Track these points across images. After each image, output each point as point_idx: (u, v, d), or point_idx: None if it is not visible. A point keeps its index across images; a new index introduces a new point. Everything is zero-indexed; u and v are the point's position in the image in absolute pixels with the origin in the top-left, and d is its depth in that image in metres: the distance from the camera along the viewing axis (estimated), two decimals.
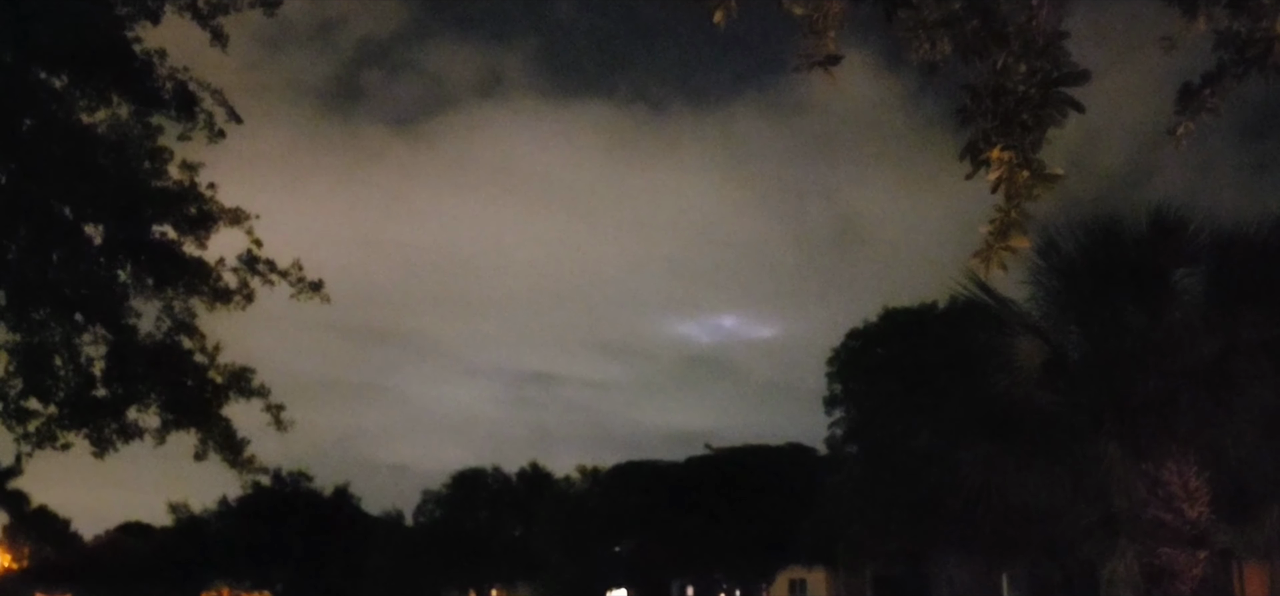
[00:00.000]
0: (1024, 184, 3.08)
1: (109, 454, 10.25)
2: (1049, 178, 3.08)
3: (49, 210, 9.70)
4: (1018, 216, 3.10)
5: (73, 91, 9.62)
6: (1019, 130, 3.04)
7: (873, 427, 30.29)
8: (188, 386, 10.51)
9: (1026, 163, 3.07)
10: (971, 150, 3.21)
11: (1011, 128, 3.04)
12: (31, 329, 9.73)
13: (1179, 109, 3.72)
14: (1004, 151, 3.06)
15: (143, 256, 10.33)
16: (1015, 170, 3.07)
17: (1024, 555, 28.26)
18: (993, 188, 3.12)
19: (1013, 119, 3.04)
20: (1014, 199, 3.10)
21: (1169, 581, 8.83)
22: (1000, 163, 3.07)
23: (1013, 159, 3.06)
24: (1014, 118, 3.03)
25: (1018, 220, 3.10)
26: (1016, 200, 3.09)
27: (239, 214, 10.85)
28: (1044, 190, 3.09)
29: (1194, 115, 3.64)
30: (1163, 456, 8.69)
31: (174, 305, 10.56)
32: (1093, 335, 9.32)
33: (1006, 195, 3.10)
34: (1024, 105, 3.03)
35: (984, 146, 3.16)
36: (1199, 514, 8.72)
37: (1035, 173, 3.08)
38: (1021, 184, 3.08)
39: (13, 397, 9.83)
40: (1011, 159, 3.06)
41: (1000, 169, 3.08)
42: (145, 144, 10.23)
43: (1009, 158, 3.06)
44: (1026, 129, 3.04)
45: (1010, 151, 3.06)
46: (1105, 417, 8.86)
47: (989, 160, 3.15)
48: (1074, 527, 11.16)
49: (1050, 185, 3.09)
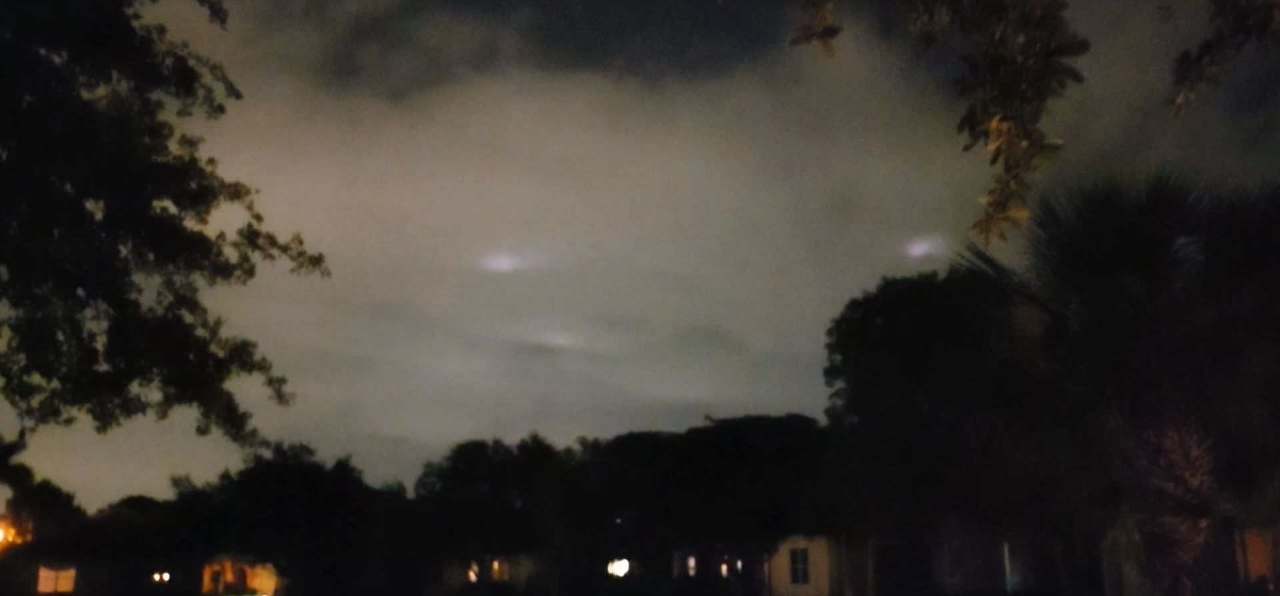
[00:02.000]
0: (1023, 154, 3.08)
1: (111, 428, 10.33)
2: (1048, 148, 3.09)
3: (50, 186, 9.71)
4: (1017, 187, 3.11)
5: (72, 67, 9.61)
6: (1018, 101, 3.04)
7: (873, 398, 30.38)
8: (189, 361, 10.56)
9: (1025, 133, 3.07)
10: (970, 121, 3.21)
11: (1010, 98, 3.04)
12: (34, 304, 9.77)
13: (1177, 78, 3.71)
14: (1003, 122, 3.06)
15: (143, 232, 10.36)
16: (1014, 140, 3.07)
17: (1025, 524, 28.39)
18: (992, 158, 3.12)
19: (1011, 89, 3.03)
20: (1013, 169, 3.10)
21: (1170, 549, 8.86)
22: (999, 133, 3.07)
23: (1012, 129, 3.07)
24: (1013, 88, 3.03)
25: (1017, 191, 3.11)
26: (1016, 170, 3.10)
27: (239, 188, 10.87)
28: (1043, 160, 3.10)
29: (1193, 85, 3.64)
30: (1164, 425, 8.72)
31: (175, 280, 10.60)
32: (1093, 304, 9.32)
33: (1006, 166, 3.11)
34: (1023, 75, 3.03)
35: (982, 117, 3.16)
36: (1200, 482, 8.75)
37: (1034, 143, 3.08)
38: (1020, 154, 3.08)
39: (16, 372, 9.89)
40: (1010, 129, 3.07)
41: (999, 139, 3.08)
42: (145, 119, 10.23)
43: (1008, 128, 3.06)
44: (1025, 99, 3.04)
45: (1009, 122, 3.06)
46: (1106, 386, 8.88)
47: (988, 131, 3.15)
48: (1075, 497, 11.21)
49: (1049, 155, 3.09)
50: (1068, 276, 9.34)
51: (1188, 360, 8.56)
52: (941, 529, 36.96)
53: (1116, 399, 8.85)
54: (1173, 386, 8.61)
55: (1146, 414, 8.77)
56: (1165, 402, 8.68)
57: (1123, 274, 9.04)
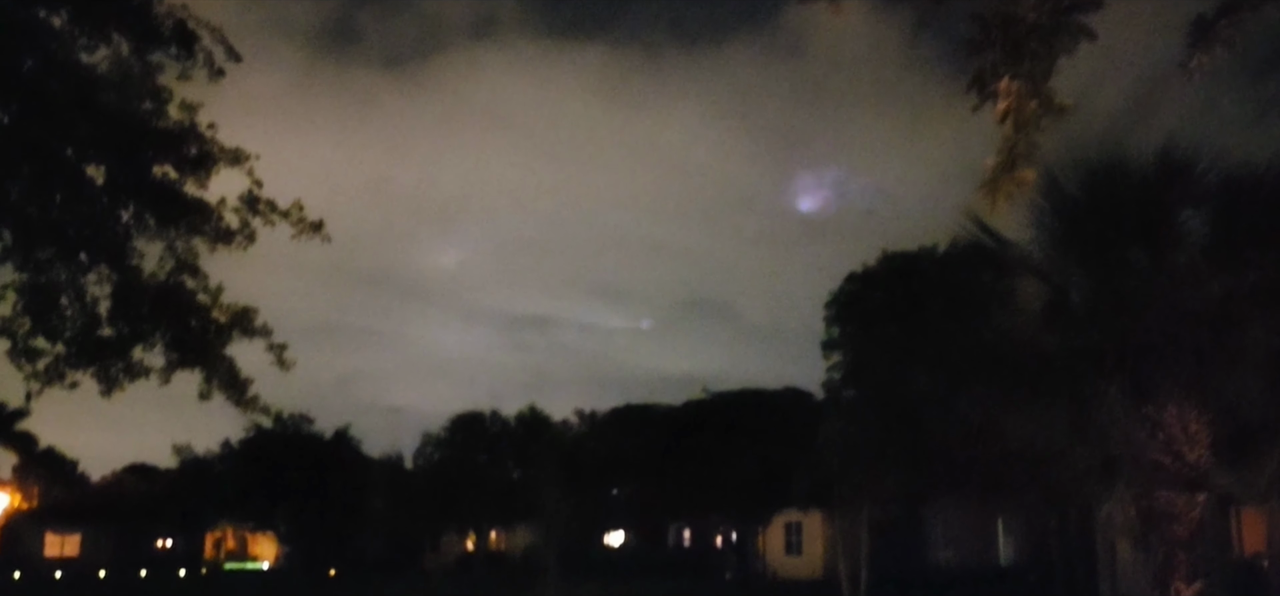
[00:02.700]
0: (1032, 114, 3.04)
1: (115, 393, 10.35)
2: (1058, 108, 3.05)
3: (50, 150, 9.67)
4: (1025, 148, 3.06)
5: (72, 29, 9.55)
6: (1029, 59, 3.00)
7: (871, 371, 30.46)
8: (191, 326, 10.56)
9: (1035, 93, 3.03)
10: (978, 82, 3.17)
11: (1021, 56, 3.00)
12: (37, 269, 9.78)
13: (1192, 41, 3.63)
14: (1013, 81, 3.02)
15: (144, 196, 10.33)
16: (1023, 100, 3.03)
17: (1020, 498, 28.57)
18: (1000, 118, 3.08)
19: (1022, 47, 2.99)
20: (1022, 130, 3.06)
21: (1166, 524, 8.88)
22: (1008, 93, 3.03)
23: (1021, 89, 3.03)
24: (1024, 46, 2.99)
25: (1026, 151, 3.06)
26: (1025, 131, 3.06)
27: (239, 154, 10.83)
28: (1053, 121, 3.06)
29: (1208, 48, 3.58)
30: (1164, 399, 8.72)
31: (176, 245, 10.58)
32: (1095, 276, 9.30)
33: (1014, 126, 3.06)
34: (1034, 34, 2.99)
35: (991, 78, 3.12)
36: (1198, 457, 8.76)
37: (1044, 103, 3.04)
38: (1030, 114, 3.04)
39: (21, 336, 9.91)
40: (1020, 89, 3.03)
41: (1008, 99, 3.04)
42: (145, 82, 10.18)
43: (1017, 88, 3.02)
44: (1036, 58, 3.00)
45: (1018, 81, 3.02)
46: (1107, 359, 8.88)
47: (996, 92, 3.11)
48: (1072, 471, 11.24)
49: (1059, 116, 3.05)
50: (1070, 248, 9.31)
51: (1190, 334, 8.55)
52: (936, 503, 37.18)
53: (1117, 372, 8.85)
54: (1174, 360, 8.61)
55: (1146, 387, 8.77)
56: (1166, 376, 8.68)
57: (1127, 246, 9.02)
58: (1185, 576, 8.72)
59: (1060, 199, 9.07)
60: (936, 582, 34.35)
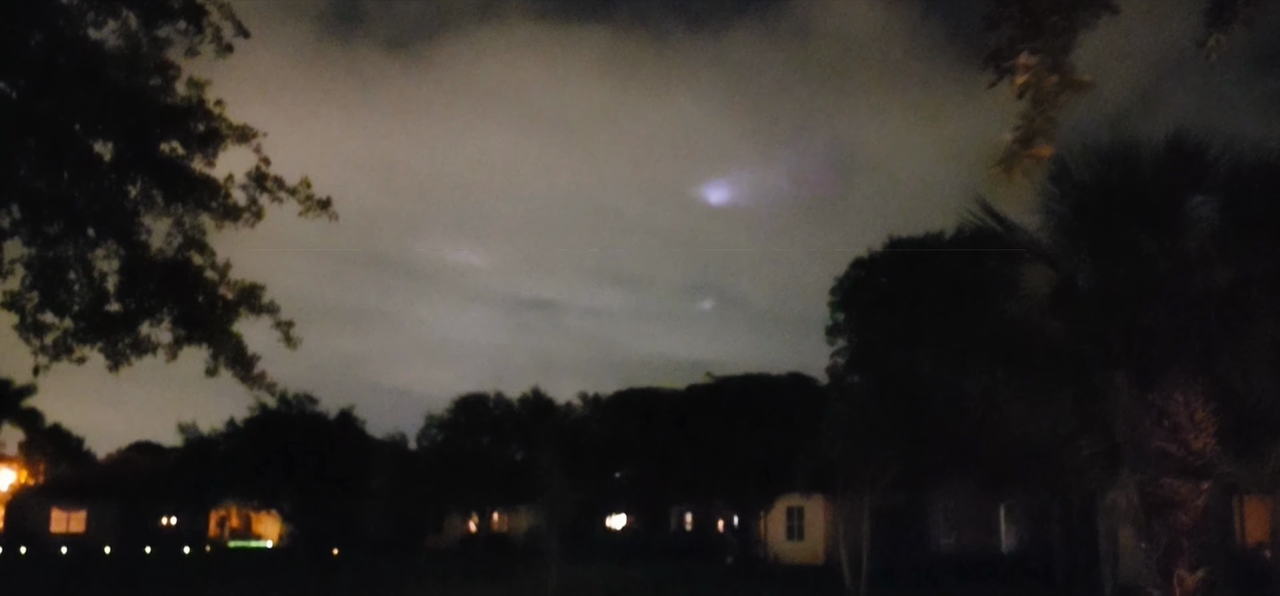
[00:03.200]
0: (1051, 89, 3.00)
1: (123, 368, 10.39)
2: (1078, 84, 3.02)
3: (58, 125, 9.69)
4: (1043, 123, 3.03)
5: (80, 4, 9.54)
6: (1048, 33, 2.96)
7: (875, 356, 30.46)
8: (198, 302, 10.60)
9: (1055, 67, 2.99)
10: (995, 58, 3.13)
11: (1040, 30, 2.96)
12: (45, 243, 9.81)
13: (1210, 21, 3.58)
14: (1031, 56, 2.99)
15: (152, 172, 10.35)
16: (1042, 75, 2.99)
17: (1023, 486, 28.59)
18: (1018, 93, 3.04)
19: (1042, 21, 2.96)
20: (1040, 105, 3.02)
21: (1170, 512, 8.85)
22: (1027, 67, 3.00)
23: (1041, 63, 2.99)
24: (1043, 20, 2.96)
25: (1043, 127, 3.03)
26: (1043, 107, 3.02)
27: (246, 131, 10.85)
28: (1071, 97, 3.02)
29: (1226, 27, 3.53)
30: (1170, 386, 8.69)
31: (184, 221, 10.60)
32: (1103, 263, 9.26)
33: (1032, 102, 3.03)
34: (1054, 7, 2.96)
35: (1008, 53, 3.09)
36: (1204, 445, 8.74)
37: (1064, 78, 3.00)
38: (1049, 89, 3.00)
39: (29, 311, 9.95)
40: (1039, 63, 2.99)
41: (1027, 74, 3.00)
42: (153, 57, 10.18)
43: (1036, 62, 2.99)
44: (1057, 32, 2.97)
45: (1037, 56, 2.98)
46: (1113, 346, 8.86)
47: (1013, 68, 3.07)
48: (1075, 458, 11.23)
49: (1078, 92, 3.02)
50: (1078, 234, 9.27)
51: (1198, 321, 8.53)
52: (938, 489, 37.21)
53: (1123, 359, 8.83)
54: (1182, 347, 8.58)
55: (1153, 374, 8.75)
56: (1173, 363, 8.66)
57: (1136, 232, 8.98)
58: (1188, 564, 8.71)
59: (1069, 184, 9.03)
60: (938, 569, 34.42)
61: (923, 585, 28.91)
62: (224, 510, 68.17)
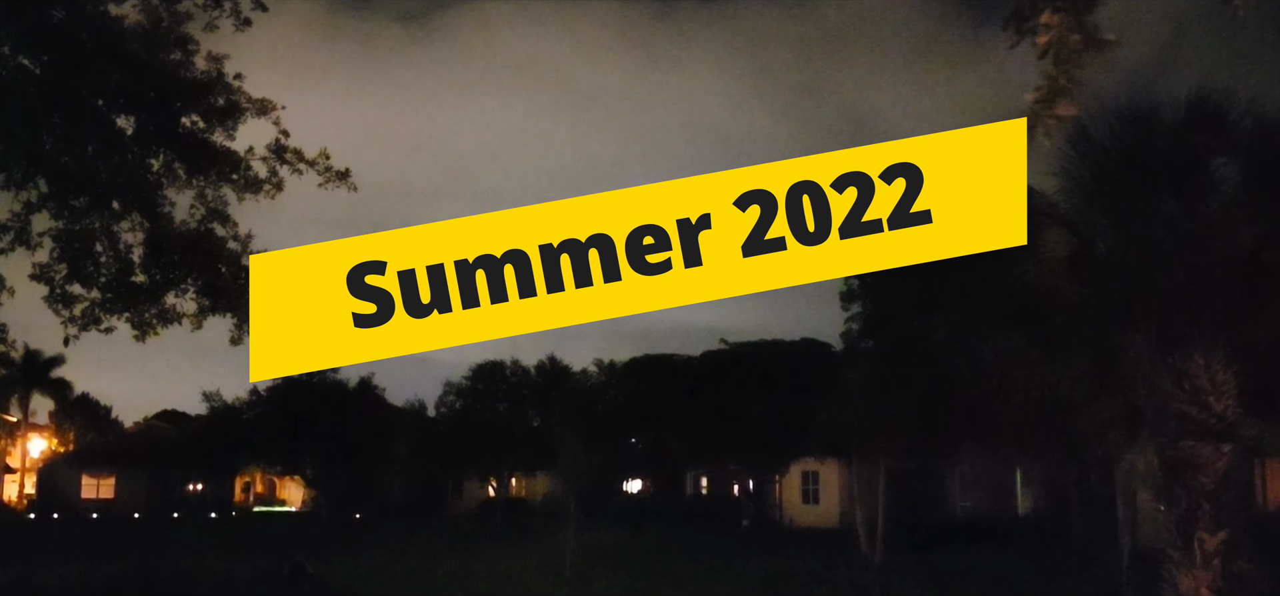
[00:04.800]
0: (1075, 47, 2.99)
1: (149, 337, 10.55)
2: (1103, 42, 3.00)
3: (81, 100, 9.78)
4: (1067, 83, 3.02)
5: None
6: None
7: (890, 321, 30.38)
8: (222, 272, 10.73)
9: (1079, 26, 2.98)
10: (1017, 17, 3.12)
11: None
12: (72, 216, 9.94)
13: None
14: (1054, 14, 2.98)
15: (174, 146, 10.45)
16: (1066, 34, 2.98)
17: (1040, 449, 28.56)
18: (1041, 52, 3.03)
19: None
20: (1063, 64, 3.01)
21: (1190, 474, 8.84)
22: (1050, 27, 2.99)
23: (1064, 21, 2.98)
24: None
25: (1067, 87, 3.02)
26: (1066, 66, 3.01)
27: (265, 104, 10.92)
28: (1096, 56, 3.01)
29: None
30: (1191, 348, 8.67)
31: (206, 193, 10.72)
32: (1123, 225, 9.22)
33: (1055, 61, 3.02)
34: None
35: (1031, 12, 3.08)
36: (1225, 407, 8.71)
37: (1088, 36, 2.99)
38: (1073, 48, 2.99)
39: (58, 282, 10.11)
40: (1063, 21, 2.98)
41: (1051, 32, 2.99)
42: (173, 33, 10.24)
43: (1060, 20, 2.98)
44: None
45: (1061, 13, 2.97)
46: (1133, 309, 8.84)
47: (1036, 27, 3.06)
48: (1094, 421, 11.22)
49: (1103, 51, 3.01)
50: (1097, 196, 9.22)
51: (1219, 282, 8.49)
52: (955, 453, 37.23)
53: (1143, 321, 8.81)
54: (1202, 309, 8.55)
55: (1174, 337, 8.72)
56: (1193, 325, 8.63)
57: (1157, 195, 8.93)
58: (1209, 527, 8.71)
59: (1088, 147, 8.98)
60: (954, 533, 34.54)
61: (939, 549, 29.03)
62: (248, 476, 69.02)
